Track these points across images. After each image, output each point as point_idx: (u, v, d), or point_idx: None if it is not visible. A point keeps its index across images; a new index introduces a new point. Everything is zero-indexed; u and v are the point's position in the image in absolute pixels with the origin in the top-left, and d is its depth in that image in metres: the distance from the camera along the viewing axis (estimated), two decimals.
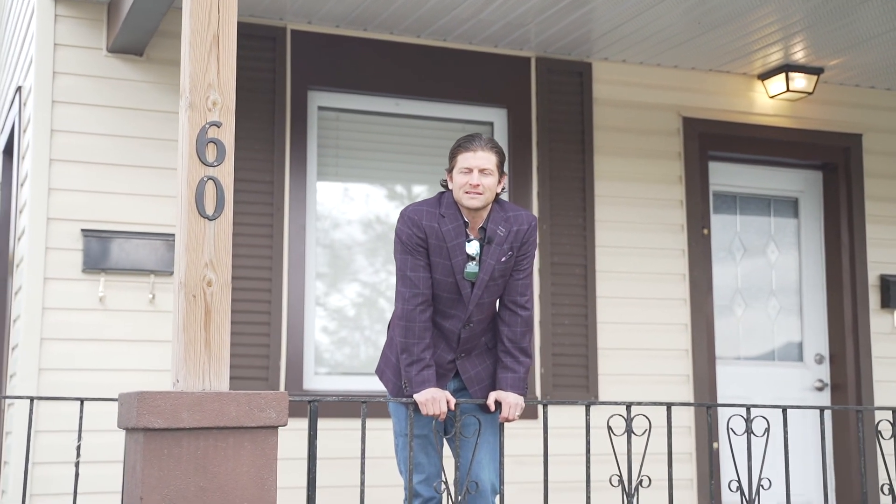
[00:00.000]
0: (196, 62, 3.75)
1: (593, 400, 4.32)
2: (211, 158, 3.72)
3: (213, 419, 3.50)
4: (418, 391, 4.04)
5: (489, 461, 4.15)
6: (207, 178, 3.71)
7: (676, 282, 6.72)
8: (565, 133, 6.59)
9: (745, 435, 4.42)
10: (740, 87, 7.06)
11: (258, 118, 5.99)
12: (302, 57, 6.14)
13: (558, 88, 6.63)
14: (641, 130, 6.80)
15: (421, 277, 4.07)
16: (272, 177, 5.97)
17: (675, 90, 6.91)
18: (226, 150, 3.75)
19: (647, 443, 4.12)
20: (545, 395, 6.29)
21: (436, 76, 6.41)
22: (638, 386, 6.49)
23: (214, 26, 3.81)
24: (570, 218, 6.52)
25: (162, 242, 5.68)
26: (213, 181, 3.72)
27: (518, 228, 4.15)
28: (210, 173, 3.72)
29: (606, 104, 6.74)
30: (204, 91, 3.74)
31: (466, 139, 4.12)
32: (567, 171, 6.56)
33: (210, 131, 3.73)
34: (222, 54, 3.80)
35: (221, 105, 3.77)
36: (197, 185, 3.70)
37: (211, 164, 3.72)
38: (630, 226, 6.67)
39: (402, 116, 6.42)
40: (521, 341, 4.17)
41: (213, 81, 3.76)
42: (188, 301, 3.64)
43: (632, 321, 6.58)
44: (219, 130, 3.75)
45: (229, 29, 3.83)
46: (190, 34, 3.77)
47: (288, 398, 3.62)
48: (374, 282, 6.38)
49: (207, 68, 3.76)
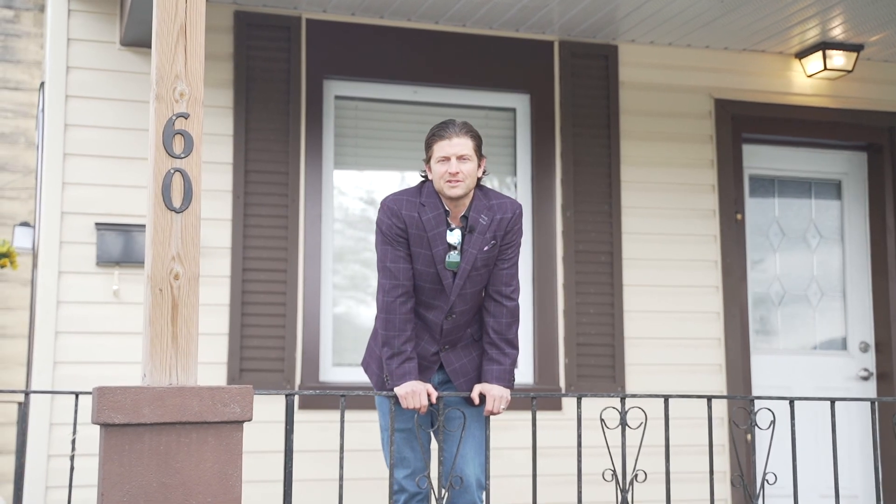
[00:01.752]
0: (163, 53, 3.70)
1: (584, 393, 4.17)
2: (178, 150, 3.68)
3: (175, 414, 3.46)
4: (399, 384, 3.96)
5: (474, 455, 4.05)
6: (174, 171, 3.67)
7: (708, 269, 6.53)
8: (590, 118, 6.44)
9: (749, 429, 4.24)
10: (776, 66, 6.82)
11: (273, 109, 5.96)
12: (317, 46, 6.09)
13: (583, 72, 6.47)
14: (671, 114, 6.61)
15: (401, 268, 3.99)
16: (287, 167, 5.93)
17: (707, 71, 6.70)
18: (193, 142, 3.70)
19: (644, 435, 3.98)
20: (569, 385, 6.15)
21: (455, 63, 6.30)
22: (667, 376, 6.33)
23: (182, 16, 3.75)
24: (596, 205, 6.36)
25: None
26: (181, 173, 3.68)
27: (502, 217, 4.04)
28: (177, 165, 3.68)
29: (633, 87, 6.56)
30: (171, 82, 3.70)
31: (440, 127, 4.02)
32: (592, 156, 6.40)
33: (177, 123, 3.69)
34: (190, 44, 3.74)
35: (189, 96, 3.71)
36: (163, 178, 3.66)
37: (178, 157, 3.68)
38: (658, 212, 6.49)
39: (420, 104, 6.32)
40: (506, 332, 4.06)
41: (180, 72, 3.71)
42: (154, 295, 3.60)
43: (660, 310, 6.40)
44: (186, 122, 3.70)
45: (197, 18, 3.77)
46: (157, 24, 3.72)
47: (252, 392, 3.56)
48: None
49: (174, 59, 3.72)
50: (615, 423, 4.09)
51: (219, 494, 3.50)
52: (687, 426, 5.53)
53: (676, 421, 4.79)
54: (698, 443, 5.41)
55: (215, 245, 5.79)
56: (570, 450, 4.10)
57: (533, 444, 4.03)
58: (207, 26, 5.85)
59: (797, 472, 4.22)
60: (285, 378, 5.76)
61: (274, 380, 5.75)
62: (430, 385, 4.00)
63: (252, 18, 5.99)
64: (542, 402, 5.91)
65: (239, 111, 5.89)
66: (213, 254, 5.78)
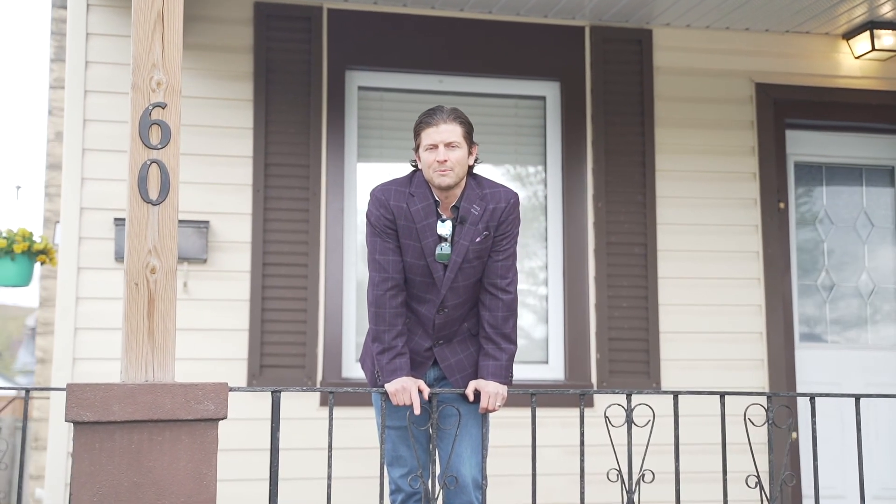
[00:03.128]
0: (139, 41, 3.61)
1: (587, 389, 3.99)
2: (155, 141, 3.59)
3: (147, 412, 3.37)
4: (389, 380, 3.82)
5: (471, 454, 3.89)
6: (151, 162, 3.58)
7: (749, 260, 6.27)
8: (623, 105, 6.22)
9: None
10: (822, 47, 6.52)
11: (294, 101, 5.86)
12: (339, 36, 5.98)
13: (615, 58, 6.26)
14: (708, 99, 6.36)
15: (390, 261, 3.85)
16: (308, 160, 5.83)
17: (747, 55, 6.44)
18: (171, 133, 3.61)
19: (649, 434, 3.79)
20: (601, 381, 5.95)
21: (481, 51, 6.14)
22: (705, 371, 6.10)
23: (159, 3, 3.66)
24: (629, 195, 6.15)
25: (193, 230, 5.61)
26: (158, 164, 3.58)
27: (495, 206, 3.88)
28: (154, 156, 3.59)
29: (668, 73, 6.33)
30: (147, 71, 3.61)
31: (427, 114, 3.86)
32: (625, 145, 6.19)
33: (154, 113, 3.60)
34: (167, 33, 3.65)
35: (167, 85, 3.63)
36: (140, 169, 3.57)
37: (154, 147, 3.59)
38: (696, 201, 6.25)
39: (446, 94, 6.17)
40: (502, 327, 3.90)
41: (157, 61, 3.62)
42: (130, 289, 3.52)
43: (698, 303, 6.16)
44: (163, 112, 3.61)
45: (175, 6, 3.68)
46: (134, 12, 3.63)
47: (227, 389, 3.46)
48: None
49: (151, 47, 3.63)
50: (644, 420, 3.91)
51: (193, 494, 3.40)
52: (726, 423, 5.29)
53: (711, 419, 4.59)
54: (737, 441, 5.19)
55: (235, 239, 5.72)
56: (603, 448, 3.95)
57: (532, 441, 3.85)
58: (227, 19, 5.84)
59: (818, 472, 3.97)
60: (307, 374, 5.66)
61: (295, 376, 5.65)
62: (422, 381, 3.85)
63: (272, 9, 5.90)
64: (571, 399, 5.72)
65: (259, 104, 5.81)
66: (233, 248, 5.71)
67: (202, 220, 5.65)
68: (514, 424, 5.51)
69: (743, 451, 4.38)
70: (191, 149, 5.71)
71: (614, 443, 3.85)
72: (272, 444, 3.72)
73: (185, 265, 5.63)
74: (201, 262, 5.63)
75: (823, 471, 6.11)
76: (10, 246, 7.07)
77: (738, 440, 4.28)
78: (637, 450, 3.90)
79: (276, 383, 5.61)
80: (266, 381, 5.62)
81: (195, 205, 5.67)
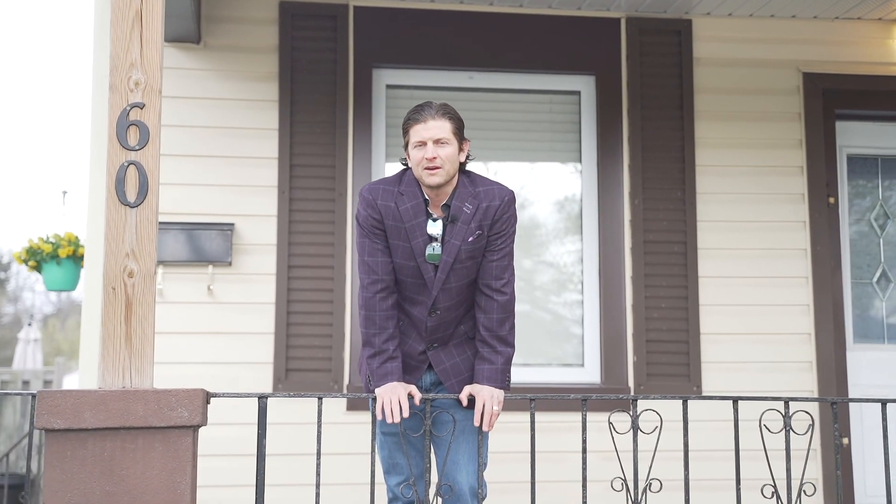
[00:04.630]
0: (117, 40, 3.55)
1: (588, 395, 3.80)
2: (133, 142, 3.53)
3: (119, 419, 3.30)
4: (380, 385, 3.70)
5: (467, 461, 3.75)
6: (129, 164, 3.52)
7: (796, 258, 5.99)
8: (661, 99, 6.00)
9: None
10: (874, 34, 6.22)
11: (320, 101, 5.78)
12: (366, 34, 5.88)
13: (652, 50, 6.04)
14: (752, 91, 6.10)
15: (379, 262, 3.72)
16: (334, 161, 5.74)
17: (794, 43, 6.16)
18: (149, 133, 3.54)
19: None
20: (639, 385, 5.75)
21: (512, 45, 5.98)
22: (749, 374, 5.85)
23: (137, 2, 3.59)
24: (667, 191, 5.93)
25: (217, 232, 5.57)
26: (136, 166, 3.52)
27: (488, 205, 3.72)
28: (132, 158, 3.52)
29: (709, 64, 6.09)
30: (125, 71, 3.55)
31: (415, 110, 3.72)
32: (663, 140, 5.97)
33: (132, 113, 3.53)
34: (146, 31, 3.58)
35: (145, 85, 3.55)
36: (117, 171, 3.51)
37: (132, 149, 3.52)
38: (738, 197, 5.99)
39: (477, 91, 6.03)
40: (498, 329, 3.75)
41: (135, 60, 3.56)
42: (107, 293, 3.46)
43: (740, 303, 5.91)
44: (142, 112, 3.54)
45: (153, 5, 3.60)
46: (112, 11, 3.57)
47: (203, 395, 3.37)
48: None
49: (129, 46, 3.56)
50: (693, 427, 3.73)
51: (167, 503, 3.32)
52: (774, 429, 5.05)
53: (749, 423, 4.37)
54: (795, 447, 4.99)
55: (260, 242, 5.65)
56: (642, 454, 3.79)
57: (531, 447, 3.70)
58: (252, 19, 5.78)
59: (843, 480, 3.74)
60: (333, 378, 5.57)
61: (321, 380, 5.56)
62: (414, 386, 3.71)
63: (297, 8, 5.82)
64: (611, 404, 5.51)
65: (284, 104, 5.73)
66: (258, 251, 5.65)
67: (227, 222, 5.60)
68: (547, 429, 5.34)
69: (797, 456, 4.15)
70: (215, 151, 5.68)
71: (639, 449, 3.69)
72: (258, 452, 3.63)
73: (210, 268, 5.58)
74: (226, 264, 5.58)
75: (875, 478, 5.81)
76: (55, 251, 7.14)
77: (777, 446, 4.05)
78: (667, 455, 3.74)
79: (303, 387, 5.53)
80: (292, 386, 5.54)
81: (220, 207, 5.62)
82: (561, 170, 6.07)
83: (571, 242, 6.01)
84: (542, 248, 6.06)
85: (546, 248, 6.06)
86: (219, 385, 5.48)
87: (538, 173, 6.08)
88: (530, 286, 6.03)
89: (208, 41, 5.76)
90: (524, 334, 5.88)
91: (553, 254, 6.05)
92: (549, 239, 6.05)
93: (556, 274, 6.03)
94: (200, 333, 5.57)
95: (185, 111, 5.68)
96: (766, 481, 3.80)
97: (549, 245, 6.05)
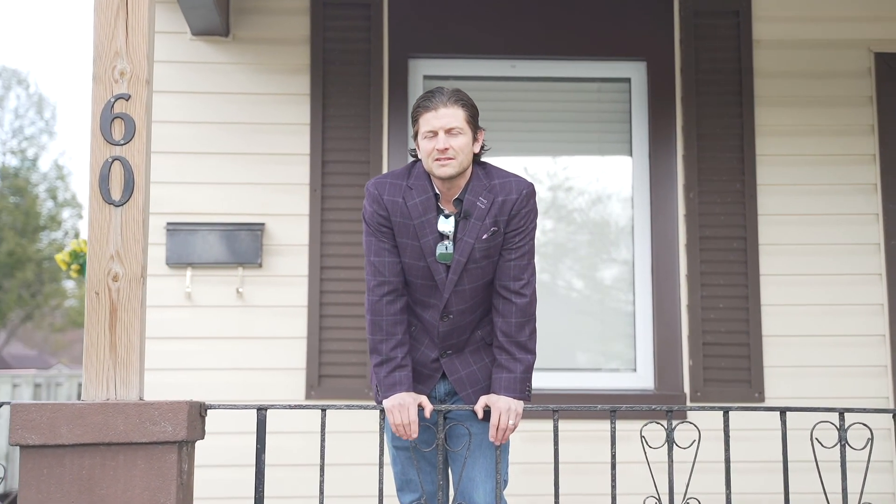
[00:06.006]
0: (101, 28, 3.33)
1: (617, 406, 3.46)
2: (118, 136, 3.29)
3: (97, 434, 3.06)
4: (387, 396, 3.40)
5: (484, 478, 3.44)
6: (113, 159, 3.28)
7: (868, 253, 5.54)
8: (717, 84, 5.61)
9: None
10: None
11: (353, 93, 5.51)
12: (401, 23, 5.58)
13: (708, 33, 5.65)
14: (818, 74, 5.66)
15: (386, 263, 3.42)
16: (368, 156, 5.46)
17: (865, 21, 5.71)
18: (135, 127, 3.30)
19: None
20: (695, 391, 5.37)
21: (557, 31, 5.64)
22: (816, 380, 5.43)
23: None
24: (725, 183, 5.53)
25: (247, 233, 5.33)
26: (121, 162, 3.28)
27: (504, 199, 3.40)
28: (116, 153, 3.29)
29: (771, 46, 5.67)
30: (109, 60, 3.31)
31: (425, 97, 3.42)
32: (720, 128, 5.58)
33: (116, 105, 3.30)
34: (132, 18, 3.34)
35: (131, 75, 3.32)
36: (101, 168, 3.27)
37: (117, 143, 3.29)
38: (803, 189, 5.57)
39: (520, 80, 5.70)
40: (517, 335, 3.42)
41: (120, 49, 3.32)
42: (90, 299, 3.23)
43: (806, 302, 5.49)
44: (127, 104, 3.30)
45: None
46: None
47: (187, 408, 3.11)
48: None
49: (114, 34, 3.33)
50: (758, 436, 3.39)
51: None
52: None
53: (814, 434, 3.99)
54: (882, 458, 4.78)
55: (292, 242, 5.40)
56: (701, 465, 3.47)
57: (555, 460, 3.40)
58: (282, 10, 5.54)
59: None
60: (368, 385, 5.29)
61: (356, 387, 5.29)
62: (425, 397, 3.41)
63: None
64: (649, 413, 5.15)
65: (316, 98, 5.48)
66: (289, 251, 5.40)
67: (257, 222, 5.36)
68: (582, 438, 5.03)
69: (855, 469, 3.74)
70: (244, 147, 5.45)
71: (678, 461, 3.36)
72: (257, 467, 3.37)
73: (240, 270, 5.35)
74: (256, 266, 5.34)
75: None
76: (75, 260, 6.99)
77: (858, 458, 3.68)
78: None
79: (336, 394, 5.27)
80: (325, 393, 5.28)
81: (249, 206, 5.39)
82: (610, 163, 5.71)
83: (622, 240, 5.65)
84: (589, 245, 5.71)
85: (594, 245, 5.70)
86: (249, 393, 5.26)
87: (585, 167, 5.73)
88: (577, 286, 5.68)
89: (237, 34, 5.53)
90: (571, 337, 5.55)
91: (602, 252, 5.70)
92: (598, 236, 5.70)
93: (606, 273, 5.68)
94: (229, 338, 5.33)
95: (212, 106, 5.45)
96: (821, 497, 3.43)
97: (598, 243, 5.70)
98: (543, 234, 5.69)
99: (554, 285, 5.69)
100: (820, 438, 3.48)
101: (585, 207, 5.71)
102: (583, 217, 5.71)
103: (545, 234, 5.69)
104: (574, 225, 5.69)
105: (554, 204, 5.72)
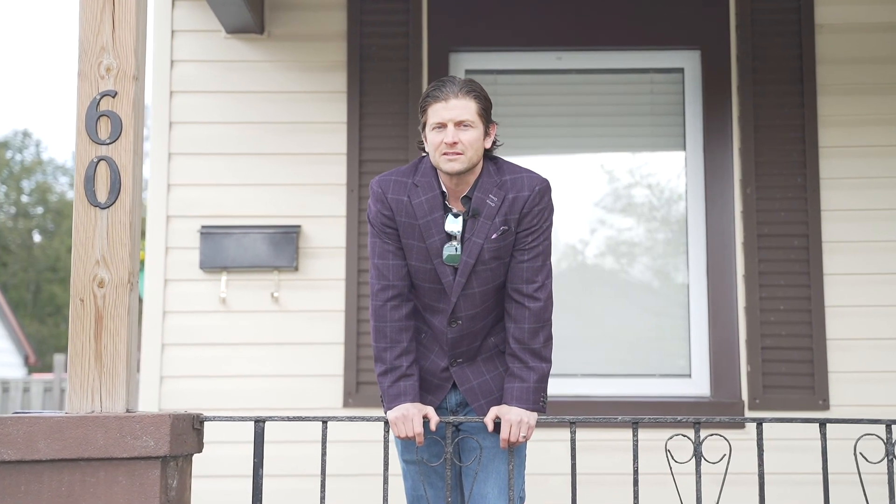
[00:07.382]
0: (86, 23, 3.18)
1: (640, 417, 3.20)
2: (104, 135, 3.14)
3: (76, 449, 2.91)
4: (391, 407, 3.19)
5: (497, 495, 3.21)
6: (99, 159, 3.14)
7: None
8: (776, 73, 5.28)
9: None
10: None
11: (392, 90, 5.31)
12: (441, 16, 5.37)
13: (766, 18, 5.32)
14: (885, 59, 5.30)
15: (391, 265, 3.21)
16: (408, 155, 5.25)
17: None
18: (122, 125, 3.14)
19: None
20: (754, 398, 5.05)
21: (605, 20, 5.37)
22: (886, 386, 5.07)
23: None
24: (785, 177, 5.20)
25: (282, 236, 5.17)
26: (107, 162, 3.13)
27: (516, 196, 3.17)
28: (102, 153, 3.14)
29: (835, 31, 5.32)
30: (95, 56, 3.17)
31: (435, 86, 3.19)
32: (779, 119, 5.24)
33: (102, 103, 3.15)
34: (119, 12, 3.19)
35: (117, 71, 3.16)
36: (86, 168, 3.12)
37: (103, 143, 3.14)
38: (870, 182, 5.21)
39: (566, 72, 5.44)
40: (530, 342, 3.18)
41: (106, 44, 3.17)
42: (74, 306, 3.08)
43: (873, 304, 5.13)
44: (114, 101, 3.15)
45: None
46: None
47: (170, 422, 2.94)
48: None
49: (100, 28, 3.18)
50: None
51: None
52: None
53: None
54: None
55: (328, 245, 5.23)
56: (750, 476, 3.26)
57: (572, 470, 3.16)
58: (317, 5, 5.37)
59: None
60: None
61: None
62: (431, 409, 3.19)
63: None
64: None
65: (353, 95, 5.29)
66: (326, 254, 5.22)
67: (292, 224, 5.19)
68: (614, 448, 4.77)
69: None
70: (280, 147, 5.29)
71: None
72: (254, 482, 3.19)
73: (276, 274, 5.19)
74: (292, 269, 5.18)
75: None
76: None
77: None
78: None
79: (376, 402, 5.07)
80: (363, 400, 5.10)
81: (284, 208, 5.23)
82: (662, 157, 5.42)
83: (675, 238, 5.35)
84: (641, 244, 5.42)
85: (645, 244, 5.42)
86: (285, 400, 5.11)
87: (637, 162, 5.45)
88: (627, 287, 5.40)
89: (272, 31, 5.37)
90: (621, 341, 5.28)
91: (654, 251, 5.41)
92: (650, 234, 5.41)
93: (658, 273, 5.39)
94: (265, 344, 5.18)
95: (246, 106, 5.31)
96: None
97: (649, 241, 5.41)
98: (592, 233, 5.43)
99: (604, 287, 5.42)
100: (867, 451, 3.19)
101: (635, 205, 5.43)
102: (632, 215, 5.43)
103: (593, 234, 5.43)
104: (624, 223, 5.41)
105: (602, 201, 5.45)
